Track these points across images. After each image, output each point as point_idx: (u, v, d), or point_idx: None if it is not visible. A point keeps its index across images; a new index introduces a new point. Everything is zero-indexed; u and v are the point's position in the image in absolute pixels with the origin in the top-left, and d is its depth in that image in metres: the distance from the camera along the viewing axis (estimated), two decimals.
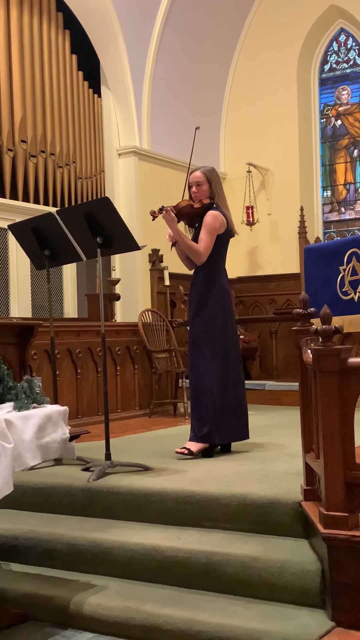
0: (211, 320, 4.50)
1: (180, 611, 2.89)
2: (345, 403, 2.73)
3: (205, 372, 4.48)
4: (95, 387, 6.68)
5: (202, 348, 4.51)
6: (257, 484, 3.55)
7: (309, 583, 2.86)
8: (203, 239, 4.49)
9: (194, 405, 4.52)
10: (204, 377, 4.48)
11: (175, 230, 4.50)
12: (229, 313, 4.59)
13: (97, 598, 3.09)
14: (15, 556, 3.61)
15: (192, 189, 4.60)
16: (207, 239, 4.48)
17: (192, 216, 4.60)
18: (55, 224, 4.46)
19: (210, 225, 4.48)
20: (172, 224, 4.48)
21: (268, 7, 10.13)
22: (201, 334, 4.52)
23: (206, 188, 4.58)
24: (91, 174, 8.57)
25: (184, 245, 4.51)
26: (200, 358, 4.51)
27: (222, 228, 4.52)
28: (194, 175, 4.60)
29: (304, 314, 3.27)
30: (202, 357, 4.50)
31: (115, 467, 4.04)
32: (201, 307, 4.54)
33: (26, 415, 2.99)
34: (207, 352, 4.48)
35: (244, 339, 8.97)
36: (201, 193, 4.58)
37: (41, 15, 7.89)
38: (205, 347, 4.49)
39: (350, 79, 10.07)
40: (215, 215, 4.49)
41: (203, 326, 4.52)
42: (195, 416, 4.49)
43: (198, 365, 4.52)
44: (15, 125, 7.44)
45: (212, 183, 4.60)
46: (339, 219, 10.25)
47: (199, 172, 4.60)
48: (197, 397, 4.50)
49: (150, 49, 8.91)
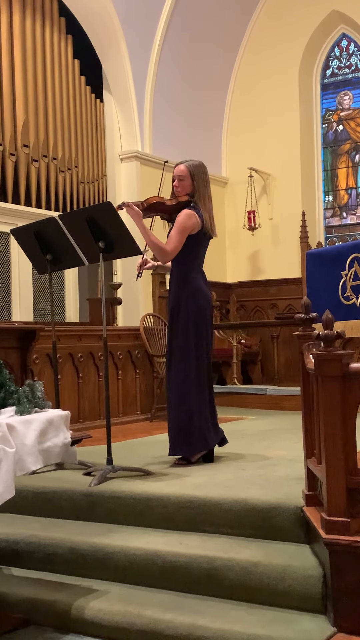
0: (185, 323, 4.35)
1: (182, 616, 2.88)
2: (347, 408, 2.73)
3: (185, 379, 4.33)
4: (97, 392, 6.68)
5: (178, 353, 4.36)
6: (259, 488, 3.54)
7: (310, 588, 2.85)
8: (172, 238, 4.32)
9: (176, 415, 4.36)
10: (183, 384, 4.33)
11: (140, 224, 4.31)
12: (204, 315, 4.41)
13: (99, 603, 3.09)
14: (16, 560, 3.61)
15: (174, 183, 4.43)
16: (176, 239, 4.30)
17: (166, 212, 4.44)
18: (57, 228, 4.46)
19: (181, 224, 4.30)
20: (137, 218, 4.29)
21: (270, 13, 10.16)
22: (177, 338, 4.38)
23: (188, 183, 4.39)
24: (93, 178, 8.58)
25: (148, 242, 4.32)
26: (177, 363, 4.36)
27: (196, 228, 4.34)
28: (177, 169, 4.42)
29: (306, 319, 3.28)
30: (179, 363, 4.35)
31: (116, 472, 4.04)
32: (176, 310, 4.40)
33: (28, 419, 2.99)
34: (184, 357, 4.34)
35: (245, 343, 8.97)
36: (182, 188, 4.40)
37: (44, 20, 7.91)
38: (182, 352, 4.35)
39: (352, 84, 10.09)
40: (188, 215, 4.32)
41: (178, 330, 4.38)
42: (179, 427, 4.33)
43: (175, 371, 4.37)
44: (17, 130, 7.46)
45: (195, 179, 4.39)
46: (341, 224, 10.25)
47: (183, 165, 4.41)
48: (178, 408, 4.34)
49: (152, 55, 8.94)
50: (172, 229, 4.37)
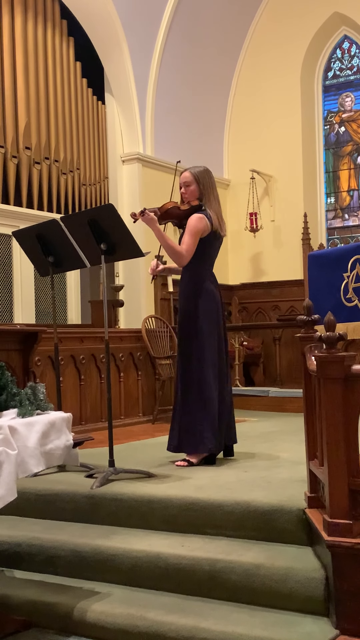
0: (198, 326, 4.42)
1: (184, 619, 2.88)
2: (350, 410, 2.72)
3: (196, 381, 4.39)
4: (99, 394, 6.68)
5: (188, 354, 4.42)
6: (261, 491, 3.54)
7: (312, 591, 2.85)
8: (185, 241, 4.43)
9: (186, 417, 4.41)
10: (194, 386, 4.39)
11: (156, 230, 4.41)
12: (216, 317, 4.49)
13: (101, 605, 3.08)
14: (18, 563, 3.61)
15: (181, 190, 4.56)
16: (189, 242, 4.41)
17: (180, 217, 4.54)
18: (59, 230, 4.46)
19: (193, 228, 4.41)
20: (152, 223, 4.40)
21: (272, 15, 10.17)
22: (188, 340, 4.44)
23: (194, 188, 4.52)
24: (95, 180, 8.59)
25: (165, 246, 4.44)
26: (188, 366, 4.42)
27: (206, 230, 4.44)
28: (182, 176, 4.57)
29: (308, 321, 3.27)
30: (190, 365, 4.41)
31: (118, 474, 4.03)
32: (187, 312, 4.47)
33: (30, 421, 2.99)
34: (194, 358, 4.40)
35: (247, 345, 8.97)
36: (190, 194, 4.54)
37: (45, 23, 7.92)
38: (192, 354, 4.41)
39: (354, 86, 10.09)
40: (198, 218, 4.42)
41: (190, 332, 4.44)
42: (187, 428, 4.39)
43: (186, 373, 4.43)
44: (19, 132, 7.46)
45: (201, 183, 4.51)
46: (343, 226, 10.25)
47: (188, 172, 4.55)
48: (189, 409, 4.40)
49: (154, 56, 8.94)
50: (185, 233, 4.47)
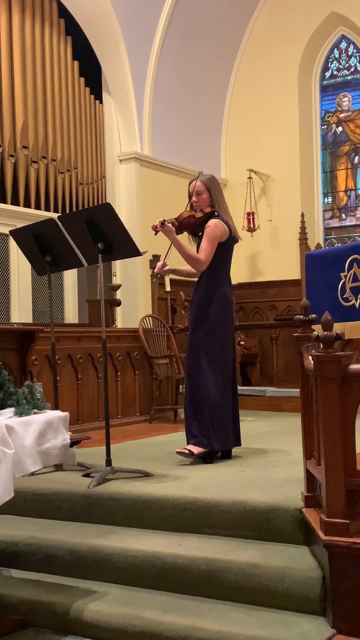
0: (211, 329, 4.53)
1: (181, 618, 2.88)
2: (346, 409, 2.73)
3: (204, 380, 4.50)
4: (96, 393, 6.67)
5: (200, 356, 4.53)
6: (258, 490, 3.54)
7: (309, 590, 2.85)
8: (204, 248, 4.52)
9: (193, 411, 4.53)
10: (202, 384, 4.50)
11: (174, 240, 4.53)
12: (229, 322, 4.62)
13: (98, 605, 3.08)
14: (15, 562, 3.60)
15: (193, 199, 4.64)
16: (208, 248, 4.51)
17: (195, 226, 4.64)
18: (56, 229, 4.46)
19: (211, 234, 4.51)
20: (170, 234, 4.52)
21: (269, 15, 10.16)
22: (201, 342, 4.54)
23: (206, 197, 4.62)
24: (92, 179, 8.58)
25: (183, 255, 4.54)
26: (198, 366, 4.53)
27: (224, 236, 4.55)
28: (194, 185, 4.65)
29: (305, 320, 3.28)
30: (201, 365, 4.51)
31: (115, 473, 4.03)
32: (202, 315, 4.57)
33: (27, 421, 2.99)
34: (206, 360, 4.51)
35: (244, 345, 8.97)
36: (201, 202, 4.63)
37: (43, 22, 7.92)
38: (204, 356, 4.52)
39: (351, 86, 10.10)
40: (216, 224, 4.52)
41: (203, 334, 4.54)
42: (194, 422, 4.51)
43: (196, 372, 4.54)
44: (16, 131, 7.46)
45: (212, 191, 4.63)
46: (340, 226, 10.26)
47: (198, 181, 4.64)
48: (196, 405, 4.52)
49: (152, 56, 8.94)
50: (203, 240, 4.55)
